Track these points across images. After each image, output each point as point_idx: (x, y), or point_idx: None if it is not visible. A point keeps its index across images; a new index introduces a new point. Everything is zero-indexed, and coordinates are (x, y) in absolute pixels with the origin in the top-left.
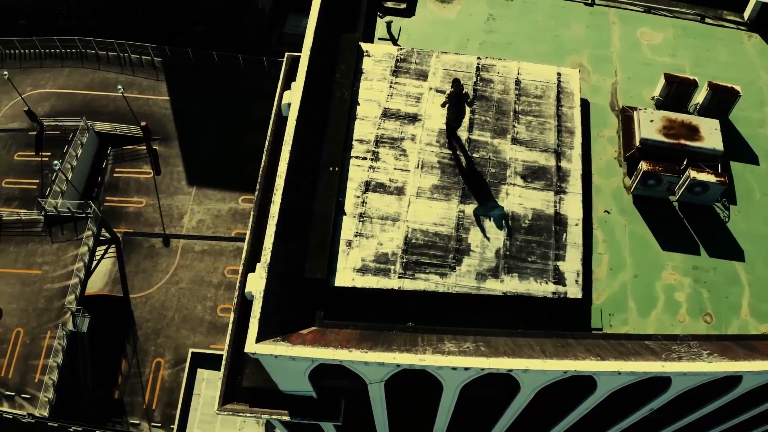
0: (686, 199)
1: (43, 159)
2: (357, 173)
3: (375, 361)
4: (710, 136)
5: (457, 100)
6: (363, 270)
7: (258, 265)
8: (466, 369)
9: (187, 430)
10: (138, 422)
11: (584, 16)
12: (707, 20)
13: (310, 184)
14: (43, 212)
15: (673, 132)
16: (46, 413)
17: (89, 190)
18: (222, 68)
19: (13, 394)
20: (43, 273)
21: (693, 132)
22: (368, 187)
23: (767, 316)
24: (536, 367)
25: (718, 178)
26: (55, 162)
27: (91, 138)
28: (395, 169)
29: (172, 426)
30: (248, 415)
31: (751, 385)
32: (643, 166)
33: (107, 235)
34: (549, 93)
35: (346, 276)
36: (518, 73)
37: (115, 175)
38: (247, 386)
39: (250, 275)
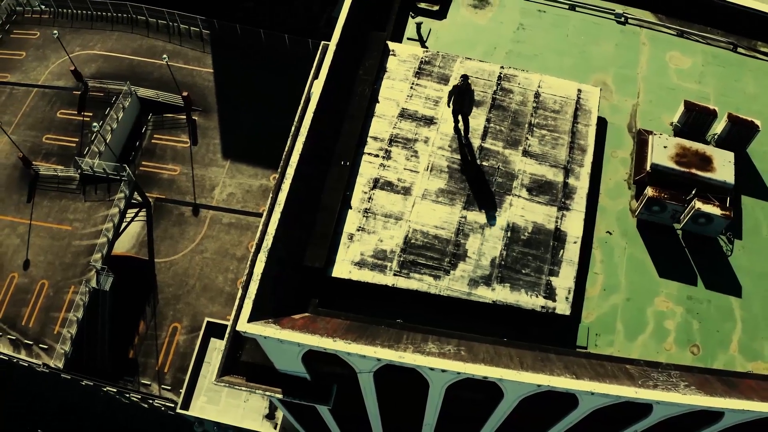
0: (690, 229)
1: (85, 119)
2: (368, 169)
3: (356, 353)
4: (723, 168)
5: (459, 94)
6: (360, 264)
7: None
8: (443, 371)
9: (194, 396)
10: (149, 383)
11: (615, 34)
12: (739, 49)
13: (321, 175)
14: (79, 171)
15: (686, 160)
16: (60, 365)
17: (126, 154)
18: (268, 46)
19: (31, 343)
20: (73, 229)
21: (706, 162)
22: (377, 184)
23: (756, 355)
24: (510, 378)
25: (723, 212)
26: (94, 124)
27: (134, 103)
28: (405, 169)
29: (180, 390)
30: (243, 388)
31: (733, 422)
32: (649, 191)
33: (139, 198)
34: (567, 109)
35: (343, 268)
36: (539, 86)
37: (152, 141)
38: (245, 361)
39: (259, 256)
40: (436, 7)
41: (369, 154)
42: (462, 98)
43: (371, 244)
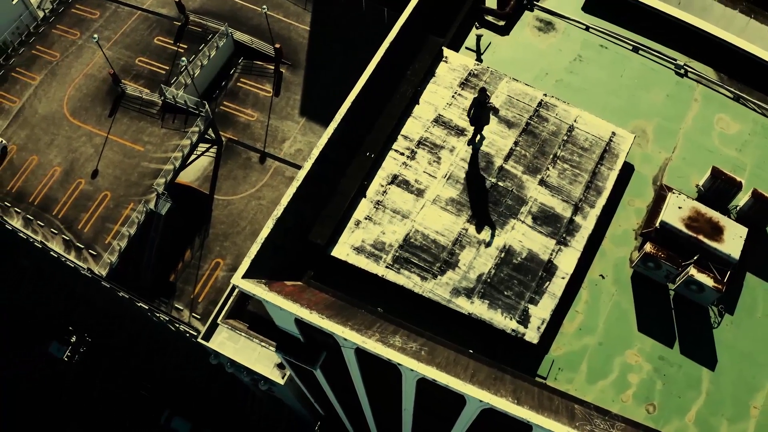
0: (682, 292)
1: (179, 50)
2: (390, 164)
3: (327, 329)
4: (732, 241)
5: (477, 107)
6: (359, 250)
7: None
8: (399, 365)
9: (216, 331)
10: (181, 308)
11: (669, 84)
12: None
13: (345, 161)
14: (162, 98)
15: (696, 225)
16: (104, 273)
17: (211, 91)
18: (367, 15)
19: (82, 247)
20: (144, 151)
21: (716, 232)
22: (395, 180)
23: (711, 430)
24: (453, 386)
25: (716, 284)
26: (183, 59)
27: (228, 44)
28: (424, 172)
29: (207, 322)
30: (242, 334)
31: None
32: (647, 247)
33: (213, 135)
34: (595, 149)
35: (343, 249)
36: (574, 121)
37: (238, 84)
38: (251, 311)
39: (267, 222)
40: (502, 23)
41: (396, 150)
42: (479, 111)
43: (374, 234)
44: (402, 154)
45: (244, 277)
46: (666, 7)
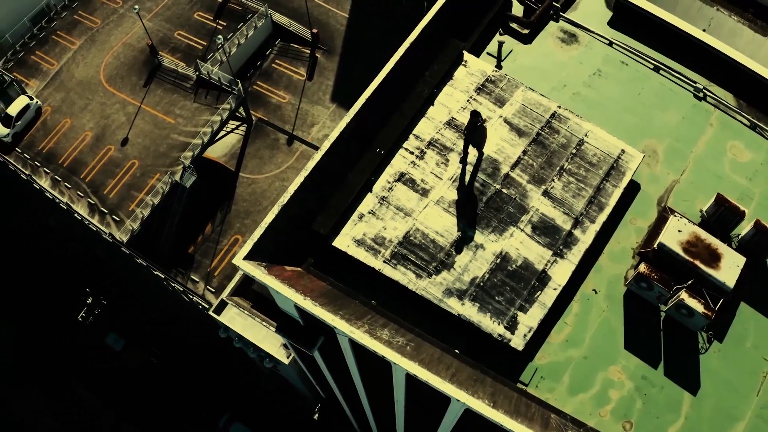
0: (673, 315)
1: (218, 27)
2: (399, 162)
3: (318, 315)
4: (728, 270)
5: (471, 127)
6: (359, 242)
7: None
8: (382, 356)
9: (227, 306)
10: (197, 280)
11: (686, 106)
12: None
13: (355, 155)
14: (197, 72)
15: (694, 250)
16: (125, 239)
17: (245, 69)
18: (407, 6)
19: (106, 212)
20: (175, 123)
21: (713, 259)
22: (401, 177)
23: None
24: (432, 383)
25: (706, 310)
26: (219, 36)
27: (266, 25)
28: (431, 172)
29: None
30: (246, 312)
31: None
32: (641, 267)
33: (243, 114)
34: (602, 165)
35: (344, 241)
36: (585, 135)
37: (273, 65)
38: (256, 291)
39: (273, 209)
40: (526, 31)
41: (406, 149)
42: (472, 133)
43: (375, 228)
44: (411, 153)
45: (245, 258)
46: (691, 29)
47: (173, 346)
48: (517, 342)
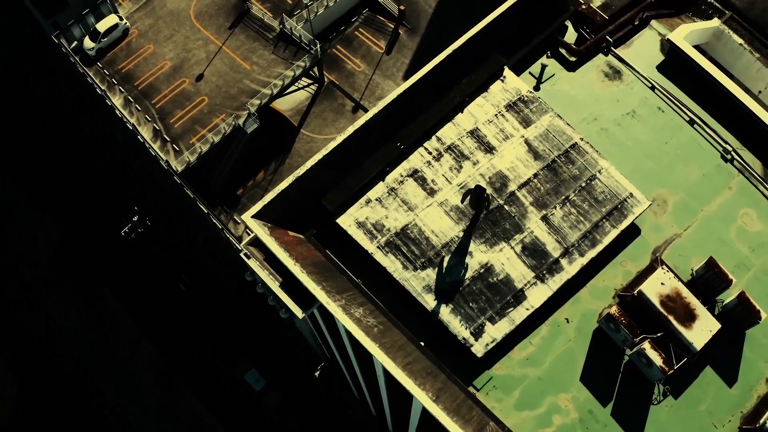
0: (635, 361)
1: None
2: (415, 159)
3: (302, 281)
4: (700, 331)
5: (474, 199)
6: (360, 225)
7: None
8: (339, 331)
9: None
10: (239, 222)
11: (710, 165)
12: None
13: (375, 144)
14: (281, 26)
15: (672, 306)
16: (179, 169)
17: (328, 32)
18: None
19: (168, 140)
20: (250, 69)
21: (688, 318)
22: (414, 174)
23: None
24: (386, 366)
25: (663, 365)
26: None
27: None
28: (443, 175)
29: None
30: (257, 263)
31: None
32: (613, 309)
33: (316, 73)
34: (607, 204)
35: (347, 220)
36: (598, 171)
37: (355, 32)
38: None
39: (288, 177)
40: (573, 59)
41: (425, 148)
42: (479, 202)
43: (379, 215)
44: (430, 153)
45: (253, 217)
46: (737, 89)
47: (204, 278)
48: (478, 349)
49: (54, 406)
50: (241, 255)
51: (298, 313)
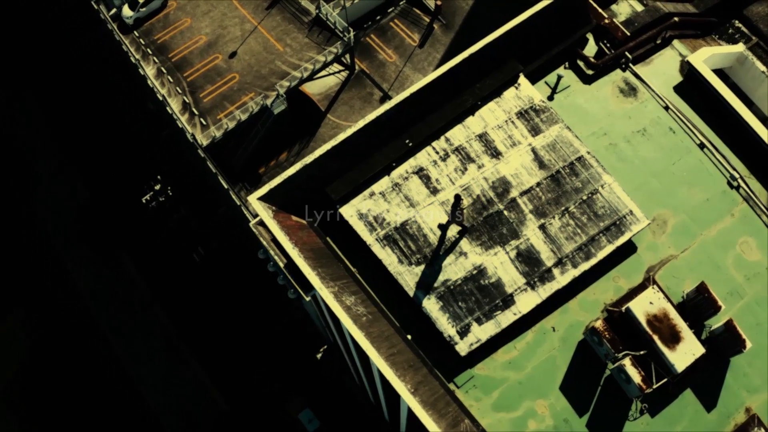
0: (615, 376)
1: None
2: (422, 157)
3: (298, 265)
4: (683, 355)
5: (453, 209)
6: (361, 216)
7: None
8: (333, 317)
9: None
10: None
11: (715, 190)
12: None
13: (385, 139)
14: (317, 11)
15: (658, 325)
16: (204, 142)
17: (363, 21)
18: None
19: (196, 113)
20: (282, 51)
21: (673, 339)
22: (419, 171)
23: None
24: (369, 355)
25: (641, 383)
26: None
27: None
28: (447, 175)
29: None
30: (264, 242)
31: None
32: (598, 323)
33: (348, 61)
34: (605, 219)
35: (349, 210)
36: (601, 186)
37: (390, 23)
38: None
39: (296, 164)
40: (590, 72)
41: (433, 148)
42: (454, 212)
43: (380, 208)
44: (437, 152)
45: (259, 199)
46: (750, 117)
47: (219, 253)
48: (462, 348)
49: (63, 361)
50: (251, 226)
51: (304, 294)
